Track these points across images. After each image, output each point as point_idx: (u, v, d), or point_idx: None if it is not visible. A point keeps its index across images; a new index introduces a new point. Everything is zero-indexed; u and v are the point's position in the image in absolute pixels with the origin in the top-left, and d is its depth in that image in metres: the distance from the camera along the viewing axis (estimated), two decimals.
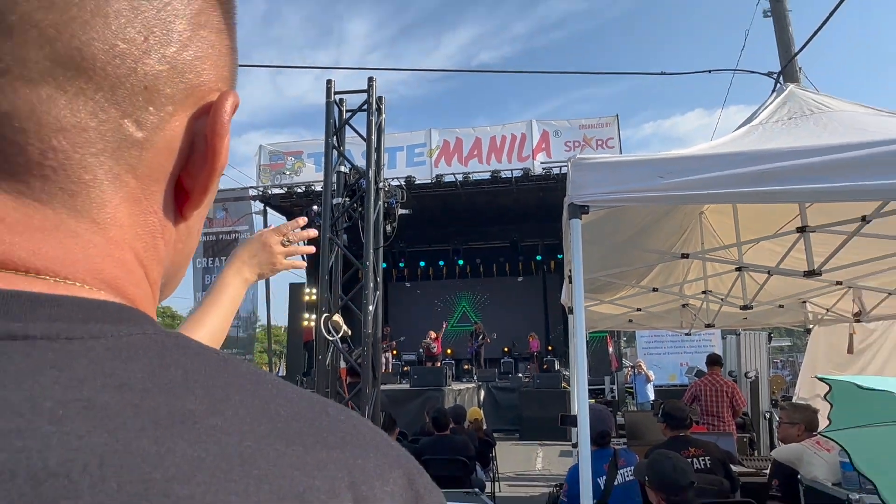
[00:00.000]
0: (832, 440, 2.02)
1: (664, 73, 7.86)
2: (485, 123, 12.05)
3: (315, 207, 5.35)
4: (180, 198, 0.25)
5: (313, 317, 11.53)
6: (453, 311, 14.03)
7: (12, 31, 0.18)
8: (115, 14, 0.20)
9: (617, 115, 11.18)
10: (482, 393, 9.91)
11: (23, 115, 0.19)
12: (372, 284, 4.65)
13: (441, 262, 13.37)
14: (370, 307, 4.60)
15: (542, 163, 10.96)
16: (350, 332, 4.50)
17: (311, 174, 10.94)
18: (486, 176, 10.84)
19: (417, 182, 10.34)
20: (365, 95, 4.91)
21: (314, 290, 11.71)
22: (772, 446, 5.21)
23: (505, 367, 11.50)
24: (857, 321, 4.36)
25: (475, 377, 10.74)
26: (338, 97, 5.17)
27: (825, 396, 2.00)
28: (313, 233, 0.85)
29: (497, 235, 12.82)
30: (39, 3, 0.18)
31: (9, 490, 0.13)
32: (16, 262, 0.18)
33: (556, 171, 10.43)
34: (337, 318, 4.55)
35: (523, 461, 6.99)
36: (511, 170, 10.77)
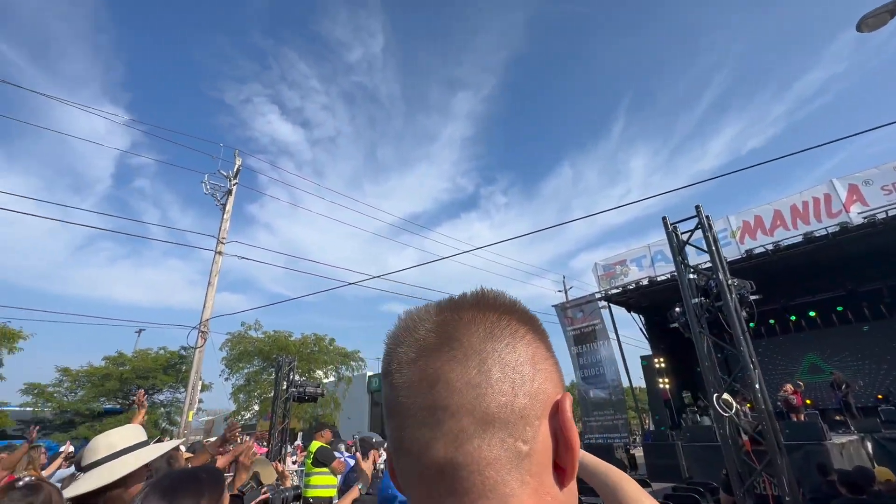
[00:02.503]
0: None
1: None
2: (775, 197, 13.51)
3: (677, 309, 6.99)
4: (559, 474, 0.38)
5: (666, 380, 14.70)
6: (798, 364, 14.55)
7: (454, 413, 0.35)
8: (496, 381, 0.36)
9: None
10: (868, 445, 9.48)
11: (469, 462, 0.34)
12: (751, 365, 5.41)
13: (771, 321, 14.59)
14: (756, 385, 5.33)
15: (859, 213, 11.71)
16: (741, 409, 5.25)
17: (636, 274, 14.94)
18: (799, 239, 12.31)
19: (729, 260, 12.79)
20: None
21: (661, 359, 15.01)
22: None
23: (886, 416, 11.34)
24: None
25: (852, 428, 10.64)
26: (672, 226, 8.63)
27: None
28: None
29: (824, 288, 13.37)
30: (460, 391, 0.36)
31: None
32: None
33: (881, 215, 11.06)
34: (727, 396, 5.28)
35: None
36: (825, 228, 11.93)
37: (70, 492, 1.43)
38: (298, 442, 17.25)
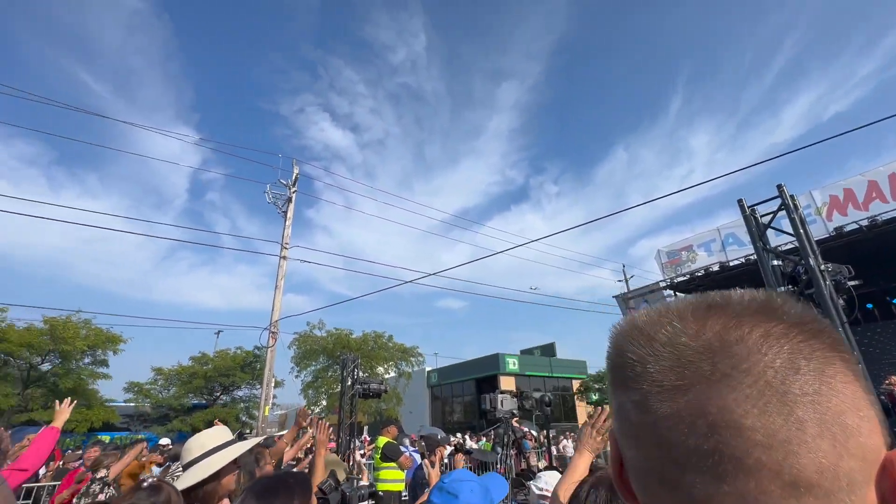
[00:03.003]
0: None
1: None
2: (867, 167, 12.02)
3: None
4: None
5: None
6: None
7: (751, 471, 0.27)
8: (812, 437, 0.27)
9: None
10: None
11: None
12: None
13: (869, 305, 13.04)
14: None
15: None
16: None
17: (704, 260, 13.97)
18: None
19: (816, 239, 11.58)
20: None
21: None
22: None
23: None
24: None
25: None
26: (749, 209, 7.95)
27: None
28: None
29: None
30: (760, 444, 0.27)
31: None
32: None
33: None
34: None
35: None
36: None
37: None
38: (365, 436, 17.96)
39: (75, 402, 2.99)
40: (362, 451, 13.02)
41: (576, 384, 31.86)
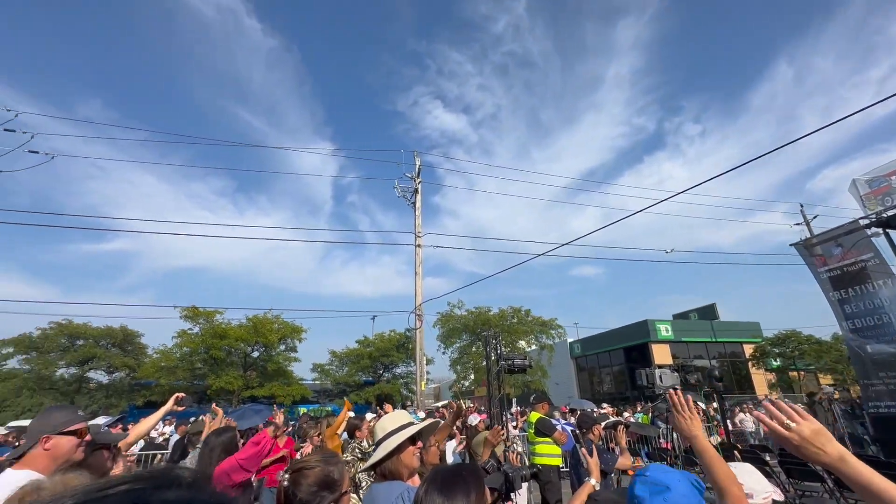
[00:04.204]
0: None
1: None
2: None
3: None
4: None
5: None
6: None
7: None
8: None
9: None
10: None
11: None
12: None
13: None
14: None
15: None
16: None
17: None
18: None
19: None
20: None
21: None
22: None
23: None
24: None
25: None
26: None
27: None
28: None
29: None
30: None
31: None
32: None
33: None
34: None
35: None
36: None
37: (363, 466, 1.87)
38: (515, 408, 18.48)
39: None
40: (514, 424, 13.42)
41: (748, 349, 27.69)
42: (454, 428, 5.25)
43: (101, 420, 4.73)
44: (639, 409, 17.16)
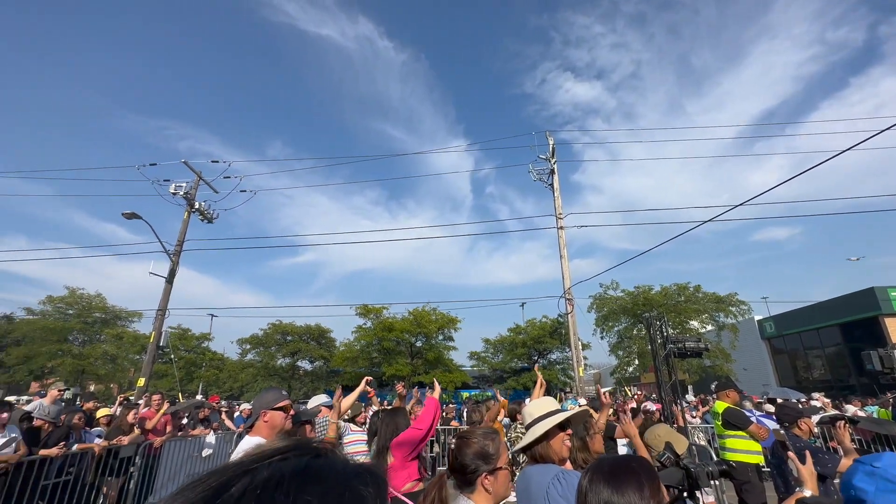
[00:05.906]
0: None
1: None
2: None
3: None
4: None
5: None
6: None
7: None
8: None
9: None
10: None
11: None
12: None
13: None
14: None
15: None
16: None
17: None
18: None
19: None
20: None
21: None
22: None
23: None
24: None
25: None
26: None
27: None
28: None
29: None
30: None
31: None
32: None
33: None
34: None
35: None
36: None
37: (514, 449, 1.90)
38: (691, 397, 16.39)
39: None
40: (693, 414, 11.95)
41: None
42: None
43: (322, 398, 5.73)
44: (870, 401, 13.48)
